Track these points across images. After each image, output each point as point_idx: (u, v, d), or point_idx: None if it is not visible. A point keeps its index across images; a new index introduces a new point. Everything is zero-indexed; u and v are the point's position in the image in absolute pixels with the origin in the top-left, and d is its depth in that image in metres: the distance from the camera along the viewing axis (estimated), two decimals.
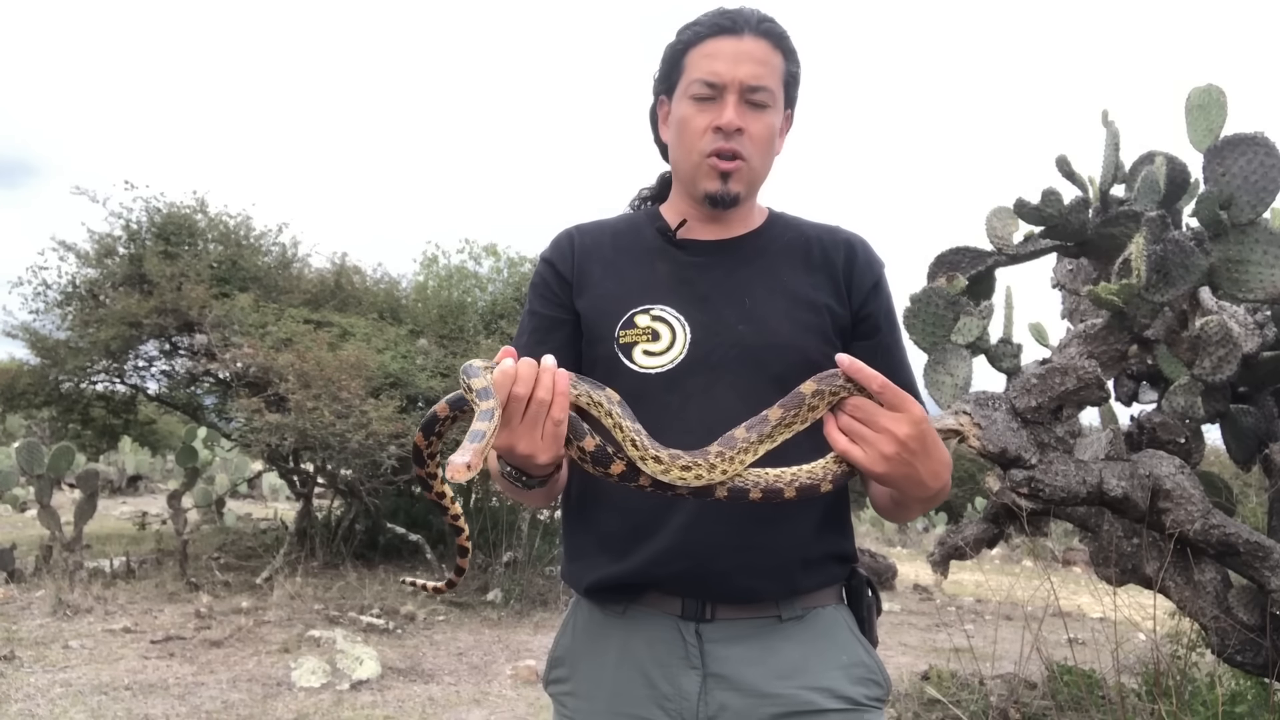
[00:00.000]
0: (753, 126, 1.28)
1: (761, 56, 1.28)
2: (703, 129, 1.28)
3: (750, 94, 1.27)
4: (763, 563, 1.22)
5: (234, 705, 4.28)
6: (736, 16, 1.28)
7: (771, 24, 1.29)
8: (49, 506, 7.03)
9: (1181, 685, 3.47)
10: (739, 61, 1.26)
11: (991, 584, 9.27)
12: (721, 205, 1.32)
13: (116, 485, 15.54)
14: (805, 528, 1.25)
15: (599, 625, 1.32)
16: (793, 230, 1.38)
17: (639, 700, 1.25)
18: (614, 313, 1.30)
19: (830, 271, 1.34)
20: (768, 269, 1.33)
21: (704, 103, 1.28)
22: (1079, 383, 2.69)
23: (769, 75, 1.28)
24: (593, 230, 1.42)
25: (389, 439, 6.53)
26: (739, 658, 1.23)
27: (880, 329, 1.35)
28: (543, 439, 1.03)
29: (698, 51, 1.29)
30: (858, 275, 1.34)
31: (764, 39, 1.28)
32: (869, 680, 1.27)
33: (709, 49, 1.28)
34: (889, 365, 1.29)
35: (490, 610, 6.71)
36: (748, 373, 1.26)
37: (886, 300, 1.37)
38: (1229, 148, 2.64)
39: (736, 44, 1.27)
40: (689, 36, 1.31)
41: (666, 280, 1.33)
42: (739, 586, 1.23)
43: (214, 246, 8.66)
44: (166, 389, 9.28)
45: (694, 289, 1.31)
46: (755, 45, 1.27)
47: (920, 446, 1.06)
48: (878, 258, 1.39)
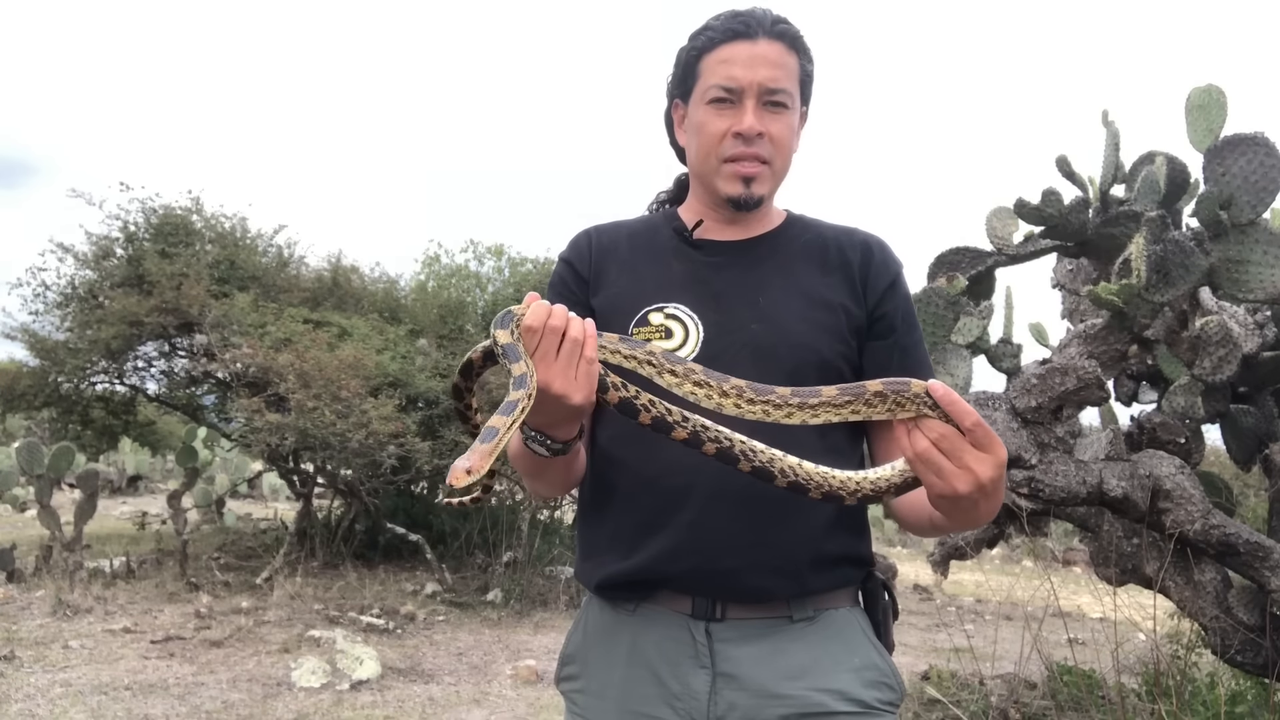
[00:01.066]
0: (772, 128, 1.28)
1: (777, 59, 1.27)
2: (721, 134, 1.28)
3: (769, 96, 1.27)
4: (772, 561, 1.22)
5: (234, 705, 4.28)
6: (750, 20, 1.28)
7: (786, 25, 1.29)
8: (49, 506, 7.03)
9: (1181, 685, 3.48)
10: (755, 65, 1.26)
11: (991, 584, 9.27)
12: (745, 208, 1.32)
13: (116, 485, 15.55)
14: (816, 527, 1.25)
15: (610, 624, 1.32)
16: (811, 231, 1.38)
17: (649, 699, 1.25)
18: (628, 310, 1.31)
19: (847, 272, 1.33)
20: (783, 269, 1.33)
21: (722, 107, 1.28)
22: (1079, 383, 2.69)
23: (785, 77, 1.28)
24: (610, 230, 1.43)
25: (389, 438, 6.53)
26: (749, 657, 1.23)
27: (896, 329, 1.33)
28: (577, 377, 1.04)
29: (713, 57, 1.29)
30: (874, 275, 1.34)
31: (779, 41, 1.28)
32: (881, 683, 1.26)
33: (724, 54, 1.28)
34: (908, 366, 1.29)
35: (490, 610, 6.71)
36: (760, 371, 1.23)
37: (904, 301, 1.36)
38: (1229, 148, 2.65)
39: (752, 48, 1.27)
40: (703, 42, 1.30)
41: (681, 279, 1.33)
42: (748, 584, 1.23)
43: (211, 247, 8.67)
44: (166, 389, 9.28)
45: (709, 288, 1.32)
46: (770, 48, 1.27)
47: (995, 489, 1.03)
48: (895, 258, 1.38)
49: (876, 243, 1.38)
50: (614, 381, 1.08)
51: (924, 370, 1.33)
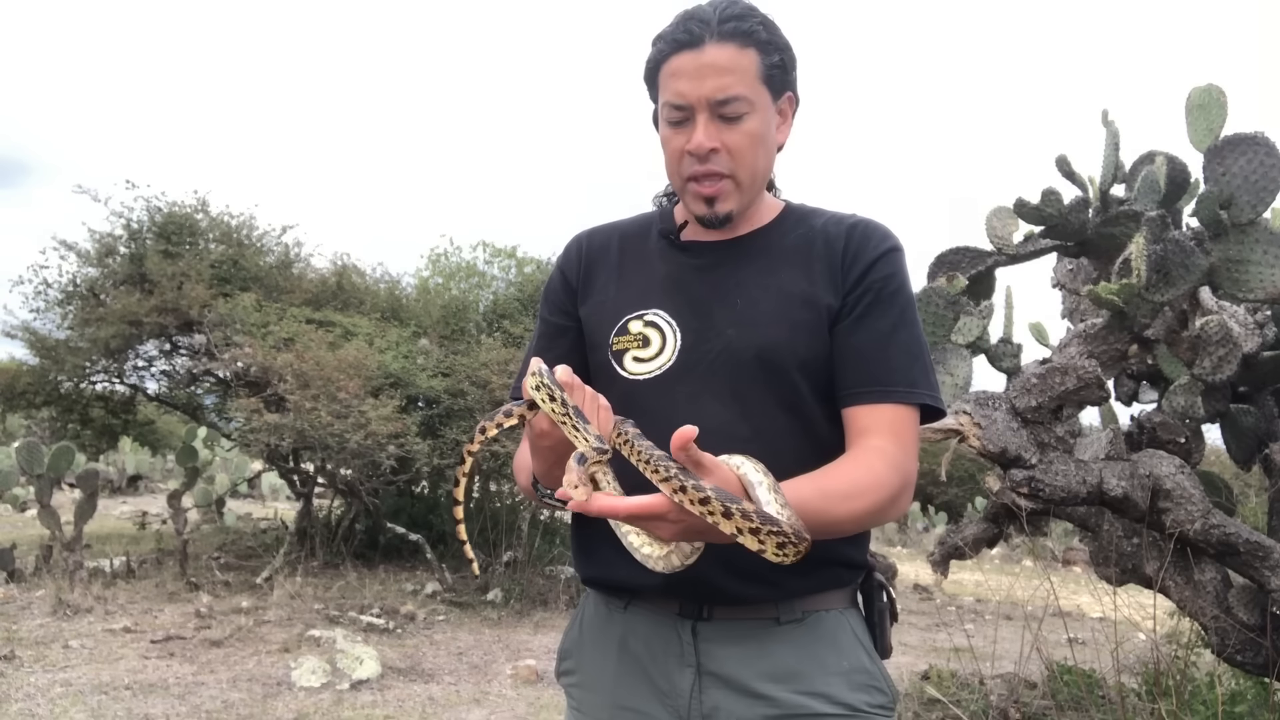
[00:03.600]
0: (730, 140, 1.21)
1: (727, 63, 1.19)
2: (679, 152, 1.23)
3: (720, 109, 1.20)
4: (747, 568, 1.17)
5: (234, 705, 4.28)
6: (693, 25, 1.20)
7: (735, 21, 1.19)
8: (49, 506, 7.03)
9: (1181, 685, 3.47)
10: (703, 76, 1.19)
11: (991, 584, 9.28)
12: (714, 226, 1.28)
13: (116, 485, 15.54)
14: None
15: (604, 618, 1.33)
16: (803, 224, 1.32)
17: (639, 694, 1.26)
18: (610, 319, 1.30)
19: (831, 263, 1.27)
20: (768, 268, 1.29)
21: (677, 126, 1.23)
22: (1079, 382, 2.69)
23: (737, 82, 1.19)
24: (602, 234, 1.41)
25: (388, 439, 6.53)
26: (732, 657, 1.22)
27: (854, 310, 1.23)
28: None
29: (665, 70, 1.23)
30: (851, 257, 1.26)
31: (729, 42, 1.19)
32: (870, 687, 1.24)
33: (673, 67, 1.21)
34: (864, 346, 1.22)
35: (490, 610, 6.71)
36: (734, 377, 1.23)
37: (884, 277, 1.25)
38: (1229, 147, 2.65)
39: (697, 58, 1.19)
40: (656, 53, 1.25)
41: (664, 284, 1.31)
42: (726, 590, 1.21)
43: (215, 246, 8.67)
44: (166, 389, 9.28)
45: (690, 292, 1.29)
46: (719, 52, 1.19)
47: (683, 520, 0.98)
48: (882, 236, 1.28)
49: (862, 224, 1.29)
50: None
51: (891, 349, 1.23)
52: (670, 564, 1.07)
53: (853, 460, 1.18)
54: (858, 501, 1.12)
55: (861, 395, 1.21)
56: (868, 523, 1.16)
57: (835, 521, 1.10)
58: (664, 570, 1.07)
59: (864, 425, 1.20)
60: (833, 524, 1.10)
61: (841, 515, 1.11)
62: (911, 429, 1.22)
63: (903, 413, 1.21)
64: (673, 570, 1.07)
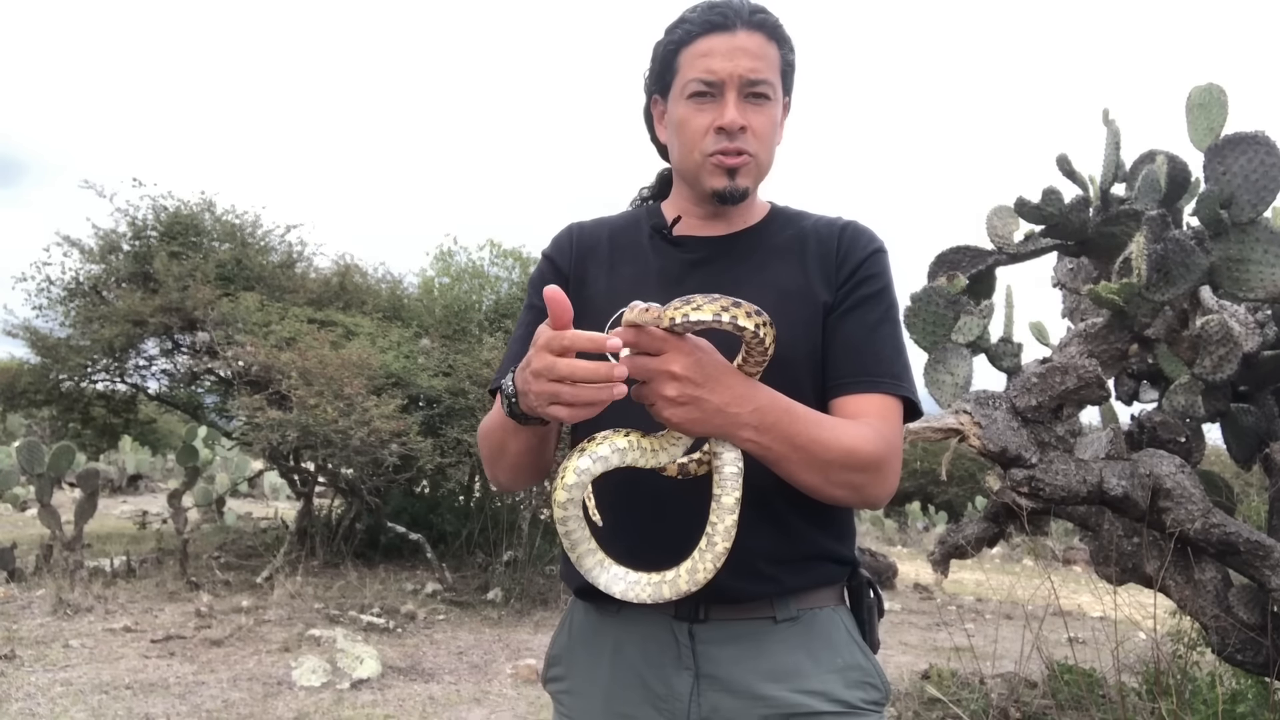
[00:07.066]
0: (755, 121, 1.25)
1: (757, 50, 1.24)
2: (704, 129, 1.25)
3: (750, 88, 1.24)
4: (743, 564, 1.17)
5: (234, 704, 4.28)
6: (727, 11, 1.24)
7: (764, 14, 1.26)
8: (49, 505, 7.03)
9: (1182, 684, 3.48)
10: (735, 57, 1.23)
11: (992, 583, 9.28)
12: (731, 201, 1.29)
13: (117, 484, 15.55)
14: (788, 528, 1.23)
15: (594, 624, 1.32)
16: (793, 225, 1.35)
17: (633, 700, 1.25)
18: (603, 312, 1.29)
19: (824, 261, 1.30)
20: (761, 265, 1.31)
21: (702, 102, 1.25)
22: (1079, 381, 2.69)
23: (766, 68, 1.25)
24: (592, 228, 1.41)
25: (390, 436, 6.54)
26: (730, 658, 1.22)
27: (843, 304, 1.28)
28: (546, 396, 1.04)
29: (691, 50, 1.25)
30: (843, 254, 1.30)
31: (758, 31, 1.24)
32: (865, 684, 1.25)
33: (703, 47, 1.24)
34: (853, 339, 1.25)
35: (490, 609, 6.71)
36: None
37: (872, 275, 1.29)
38: (1230, 147, 2.64)
39: (730, 39, 1.23)
40: (679, 35, 1.27)
41: (657, 278, 1.31)
42: (721, 587, 1.19)
43: (219, 245, 8.67)
44: (167, 388, 9.28)
45: (683, 288, 1.27)
46: (750, 39, 1.24)
47: (701, 376, 1.04)
48: (870, 237, 1.33)
49: (852, 225, 1.34)
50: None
51: (877, 342, 1.27)
52: (660, 593, 1.09)
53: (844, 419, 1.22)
54: (844, 437, 1.13)
55: (850, 385, 1.24)
56: (847, 473, 1.14)
57: (819, 440, 1.11)
58: (650, 599, 1.10)
59: (852, 413, 1.22)
60: (816, 442, 1.11)
61: (826, 438, 1.12)
62: (897, 418, 1.24)
63: (890, 403, 1.24)
64: (663, 600, 1.10)
